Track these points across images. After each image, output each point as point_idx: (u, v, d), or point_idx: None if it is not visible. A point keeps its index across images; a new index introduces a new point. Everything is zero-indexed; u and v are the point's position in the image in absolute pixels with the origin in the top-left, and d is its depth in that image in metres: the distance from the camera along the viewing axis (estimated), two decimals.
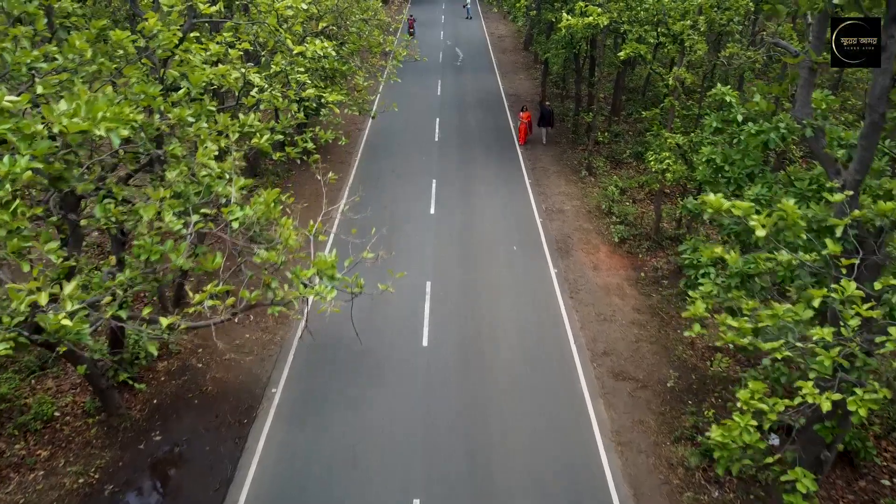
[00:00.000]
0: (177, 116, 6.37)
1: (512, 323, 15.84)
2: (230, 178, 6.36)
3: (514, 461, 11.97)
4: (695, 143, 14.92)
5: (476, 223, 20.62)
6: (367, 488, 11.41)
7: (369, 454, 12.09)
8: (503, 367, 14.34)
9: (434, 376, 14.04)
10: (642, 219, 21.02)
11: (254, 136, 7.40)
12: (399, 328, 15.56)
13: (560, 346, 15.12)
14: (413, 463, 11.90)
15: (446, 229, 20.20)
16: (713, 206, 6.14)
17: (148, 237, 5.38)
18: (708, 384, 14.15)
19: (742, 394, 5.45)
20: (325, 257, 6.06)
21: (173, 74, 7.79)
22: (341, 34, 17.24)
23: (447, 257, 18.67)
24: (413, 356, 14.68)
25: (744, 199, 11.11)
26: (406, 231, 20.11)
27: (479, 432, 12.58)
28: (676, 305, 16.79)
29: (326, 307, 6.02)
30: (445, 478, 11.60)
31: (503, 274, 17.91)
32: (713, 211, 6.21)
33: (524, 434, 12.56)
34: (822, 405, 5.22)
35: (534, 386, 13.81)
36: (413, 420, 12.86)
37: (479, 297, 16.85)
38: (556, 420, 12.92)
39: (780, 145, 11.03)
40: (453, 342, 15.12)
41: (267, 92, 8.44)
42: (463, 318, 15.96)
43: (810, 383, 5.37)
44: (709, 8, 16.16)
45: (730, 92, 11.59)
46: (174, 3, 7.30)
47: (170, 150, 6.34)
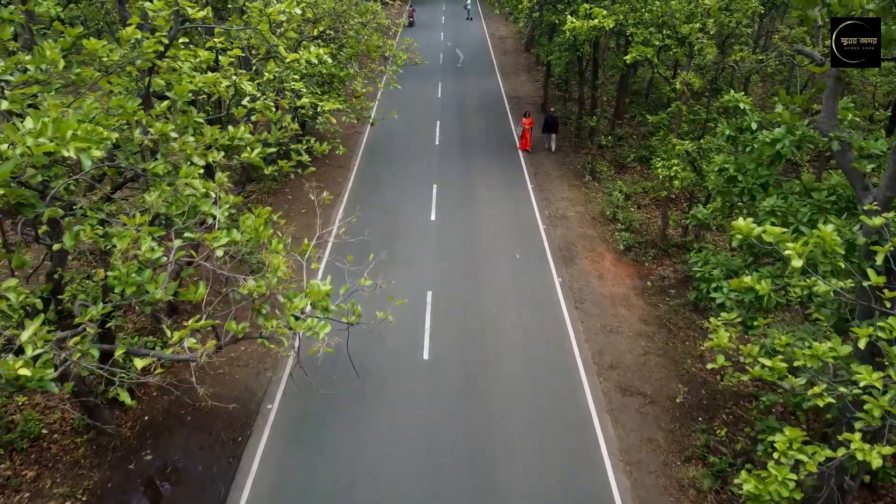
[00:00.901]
0: (159, 131, 5.90)
1: (515, 335, 15.38)
2: (217, 198, 5.89)
3: (519, 482, 11.51)
4: (704, 149, 14.46)
5: (478, 229, 20.16)
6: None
7: (369, 474, 11.62)
8: (507, 382, 13.88)
9: (435, 392, 13.58)
10: (648, 226, 20.56)
11: (244, 149, 6.93)
12: (399, 340, 15.09)
13: (565, 359, 14.66)
14: (414, 484, 11.44)
15: (448, 236, 19.74)
16: (742, 231, 5.68)
17: (123, 268, 4.91)
18: (718, 399, 13.69)
19: (780, 443, 4.98)
20: (318, 286, 5.59)
21: (159, 83, 7.32)
22: (339, 38, 16.76)
23: (449, 265, 18.21)
24: (414, 371, 14.22)
25: (759, 210, 10.65)
26: (406, 238, 19.65)
27: (483, 451, 12.12)
28: (684, 316, 16.33)
29: (319, 347, 5.56)
30: (447, 500, 11.14)
31: (506, 283, 17.45)
32: (742, 237, 5.75)
33: (529, 453, 12.10)
34: (872, 462, 4.76)
35: (539, 402, 13.35)
36: (414, 439, 12.39)
37: (481, 307, 16.39)
38: (562, 438, 12.46)
39: (794, 154, 10.58)
40: (455, 356, 14.65)
41: (260, 101, 7.96)
42: (465, 330, 15.50)
43: (858, 435, 4.90)
44: (717, 10, 15.70)
45: (743, 98, 11.12)
46: (159, 8, 6.84)
47: (151, 168, 5.88)
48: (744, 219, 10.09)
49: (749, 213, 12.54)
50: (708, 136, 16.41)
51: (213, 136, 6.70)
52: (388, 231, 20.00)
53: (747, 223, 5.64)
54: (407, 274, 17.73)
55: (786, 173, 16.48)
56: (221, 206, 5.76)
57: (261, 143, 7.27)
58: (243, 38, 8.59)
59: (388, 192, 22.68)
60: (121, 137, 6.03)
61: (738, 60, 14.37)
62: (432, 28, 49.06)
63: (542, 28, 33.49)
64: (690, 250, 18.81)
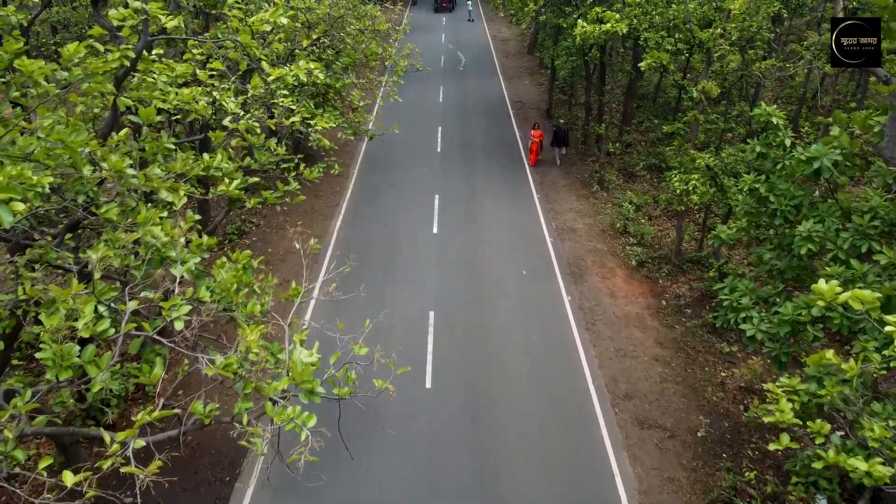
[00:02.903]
0: (113, 167, 4.94)
1: (524, 360, 14.42)
2: (185, 243, 4.92)
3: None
4: (727, 164, 13.49)
5: (483, 244, 19.20)
6: None
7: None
8: (516, 414, 12.92)
9: (439, 426, 12.62)
10: (660, 239, 19.61)
11: (221, 180, 5.99)
12: (401, 365, 14.11)
13: (577, 387, 13.71)
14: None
15: (451, 251, 18.78)
16: (826, 296, 4.75)
17: (54, 349, 3.95)
18: (743, 433, 12.74)
19: None
20: (302, 359, 4.63)
21: (125, 102, 6.36)
22: (336, 44, 15.73)
23: (452, 282, 17.25)
24: (415, 401, 13.26)
25: (796, 236, 9.70)
26: (407, 253, 18.70)
27: (491, 496, 11.17)
28: (702, 338, 15.38)
29: (300, 454, 4.61)
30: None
31: (512, 302, 16.49)
32: (825, 304, 4.82)
33: (542, 496, 11.15)
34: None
35: (550, 436, 12.39)
36: (415, 480, 11.43)
37: (487, 329, 15.44)
38: (577, 479, 11.50)
39: (834, 175, 9.65)
40: (460, 384, 13.70)
41: (244, 121, 7.00)
42: (470, 355, 14.54)
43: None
44: (738, 15, 14.74)
45: (776, 113, 10.17)
46: (123, 17, 5.89)
47: (102, 213, 4.92)
48: (772, 247, 9.11)
49: (777, 236, 11.64)
50: (727, 147, 15.46)
51: (186, 165, 5.74)
52: (389, 246, 19.06)
53: (831, 287, 4.71)
54: (408, 292, 16.79)
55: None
56: (186, 257, 4.77)
57: (242, 171, 6.32)
58: (220, 53, 7.63)
59: (388, 204, 21.73)
60: (65, 180, 5.08)
61: (761, 69, 13.41)
62: (433, 30, 48.12)
63: (546, 31, 32.55)
64: (707, 267, 17.88)
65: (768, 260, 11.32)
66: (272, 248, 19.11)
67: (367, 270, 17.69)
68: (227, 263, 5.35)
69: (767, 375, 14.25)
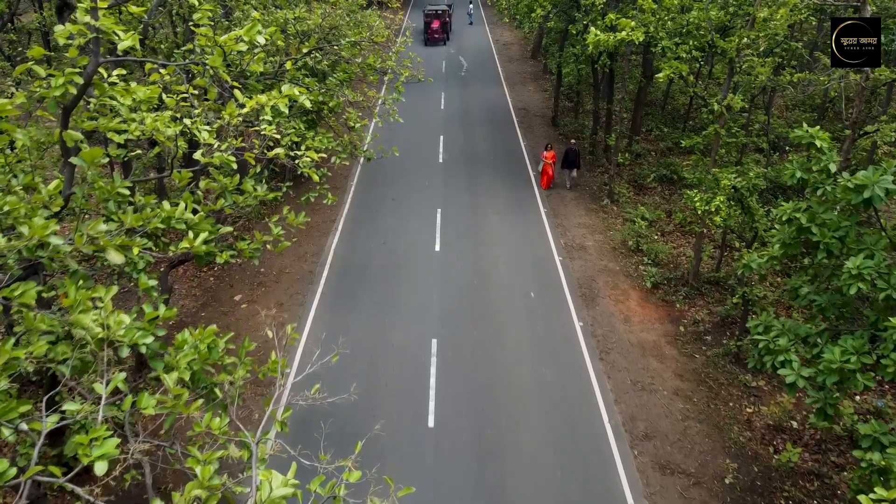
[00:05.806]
0: (33, 234, 3.89)
1: (534, 395, 13.37)
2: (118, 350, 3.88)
3: None
4: (754, 184, 12.44)
5: (488, 263, 18.15)
6: None
7: None
8: (526, 457, 11.87)
9: (442, 471, 11.57)
10: (676, 258, 18.56)
11: (185, 235, 4.96)
12: (401, 402, 13.10)
13: (593, 426, 12.65)
14: None
15: (454, 271, 17.73)
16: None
17: None
18: (774, 478, 11.69)
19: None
20: (273, 494, 3.60)
21: (74, 137, 5.29)
22: (330, 57, 14.62)
23: (456, 306, 16.20)
24: (417, 442, 12.21)
25: (843, 274, 8.65)
26: (409, 273, 17.65)
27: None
28: (724, 369, 14.33)
29: None
30: None
31: (521, 328, 15.44)
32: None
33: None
34: None
35: (564, 482, 11.34)
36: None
37: (493, 359, 14.38)
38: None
39: (886, 204, 8.63)
40: (465, 423, 12.64)
41: (217, 153, 5.97)
42: (476, 390, 13.48)
43: None
44: (762, 22, 13.71)
45: (819, 135, 9.13)
46: (68, 34, 4.88)
47: (13, 294, 3.87)
48: (808, 278, 8.03)
49: (814, 266, 10.62)
50: (750, 165, 14.41)
51: (143, 217, 4.70)
52: (388, 266, 18.02)
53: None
54: (410, 317, 15.74)
55: None
56: (136, 339, 3.67)
57: (213, 219, 5.28)
58: (181, 78, 6.61)
59: (388, 219, 20.69)
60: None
61: (794, 82, 12.37)
62: None
63: (551, 35, 31.54)
64: (727, 289, 16.81)
65: (805, 294, 10.29)
66: (265, 269, 18.07)
67: (364, 294, 16.65)
68: (188, 340, 4.31)
69: (797, 412, 13.21)
